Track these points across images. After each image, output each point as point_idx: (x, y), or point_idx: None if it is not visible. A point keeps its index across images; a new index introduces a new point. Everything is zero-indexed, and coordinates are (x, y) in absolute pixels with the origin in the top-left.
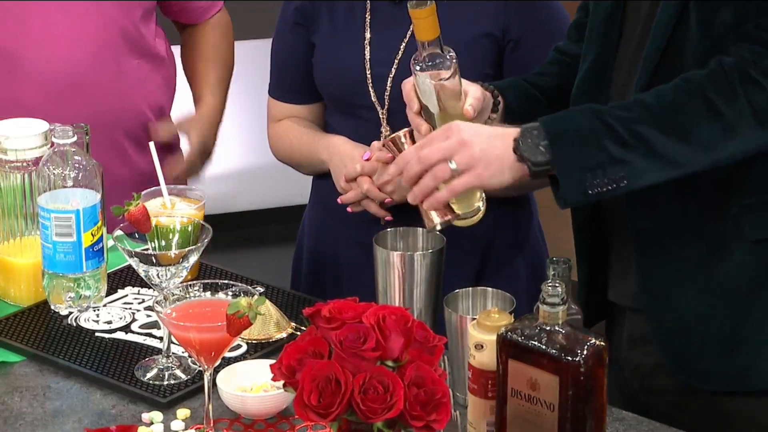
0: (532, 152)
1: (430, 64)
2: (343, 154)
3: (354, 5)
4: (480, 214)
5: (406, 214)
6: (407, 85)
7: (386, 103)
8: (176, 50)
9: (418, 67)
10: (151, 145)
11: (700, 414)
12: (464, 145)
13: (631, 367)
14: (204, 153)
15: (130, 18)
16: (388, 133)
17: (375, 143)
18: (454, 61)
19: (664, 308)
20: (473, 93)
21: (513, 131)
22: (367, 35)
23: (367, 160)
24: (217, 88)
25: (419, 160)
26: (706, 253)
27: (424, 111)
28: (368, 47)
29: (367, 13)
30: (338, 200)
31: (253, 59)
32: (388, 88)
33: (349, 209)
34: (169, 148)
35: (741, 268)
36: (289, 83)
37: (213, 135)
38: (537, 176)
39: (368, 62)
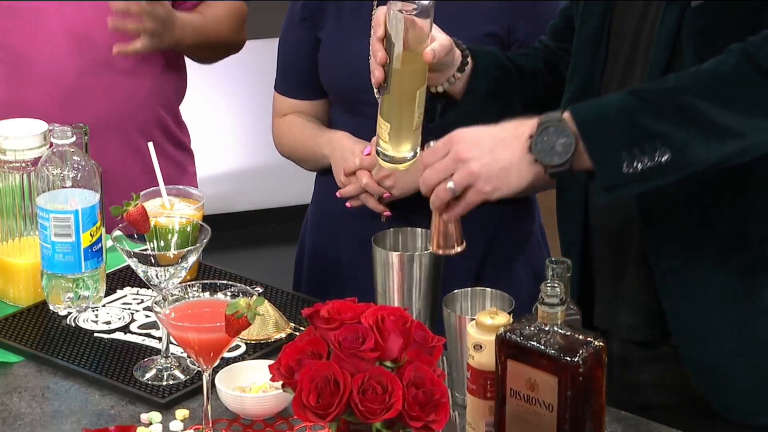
0: (550, 152)
1: None
2: (344, 148)
3: (362, 3)
4: (411, 162)
5: (406, 215)
6: (380, 11)
7: None
8: None
9: None
10: (150, 145)
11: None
12: (461, 162)
13: (620, 385)
14: (167, 27)
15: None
16: None
17: (375, 138)
18: (432, 3)
19: (702, 347)
20: (440, 40)
21: (525, 130)
22: None
23: (368, 154)
24: (195, 14)
25: (423, 182)
26: (736, 286)
27: (387, 41)
28: None
29: (374, 11)
30: (337, 194)
31: (255, 59)
32: None
33: (348, 204)
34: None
35: None
36: (294, 78)
37: (176, 21)
38: (555, 176)
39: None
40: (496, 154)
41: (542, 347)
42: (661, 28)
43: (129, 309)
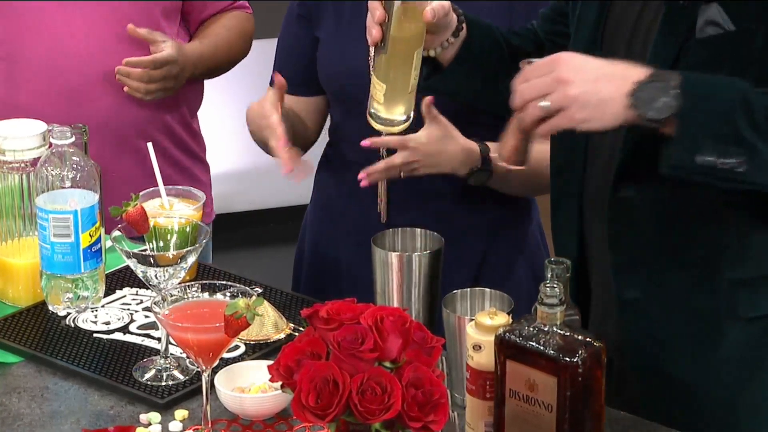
0: (648, 105)
1: None
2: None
3: (361, 2)
4: (403, 126)
5: (406, 215)
6: None
7: None
8: None
9: None
10: (149, 145)
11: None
12: (561, 83)
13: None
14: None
15: (147, 17)
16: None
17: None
18: None
19: (656, 375)
20: (440, 1)
21: (633, 74)
22: None
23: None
24: (207, 40)
25: (519, 95)
26: (699, 331)
27: None
28: None
29: None
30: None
31: (255, 59)
32: None
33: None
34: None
35: (737, 346)
36: (290, 75)
37: (188, 66)
38: (645, 127)
39: (372, 59)
40: (597, 85)
41: (541, 347)
42: (655, 54)
43: (128, 309)
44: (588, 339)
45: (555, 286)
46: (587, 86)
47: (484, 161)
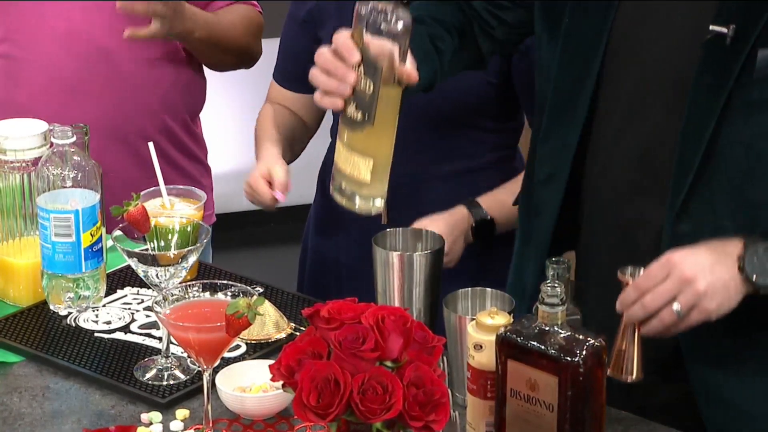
0: (763, 272)
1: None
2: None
3: None
4: (379, 208)
5: (406, 215)
6: (343, 34)
7: None
8: None
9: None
10: (150, 145)
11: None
12: (687, 283)
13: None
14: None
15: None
16: None
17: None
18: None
19: (716, 378)
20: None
21: (733, 249)
22: None
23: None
24: (212, 15)
25: (643, 307)
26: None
27: (364, 63)
28: None
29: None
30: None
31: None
32: None
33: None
34: None
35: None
36: (291, 71)
37: (187, 12)
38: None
39: None
40: (716, 272)
41: (542, 347)
42: (697, 99)
43: (129, 309)
44: (589, 338)
45: (556, 285)
46: (709, 276)
47: (477, 214)
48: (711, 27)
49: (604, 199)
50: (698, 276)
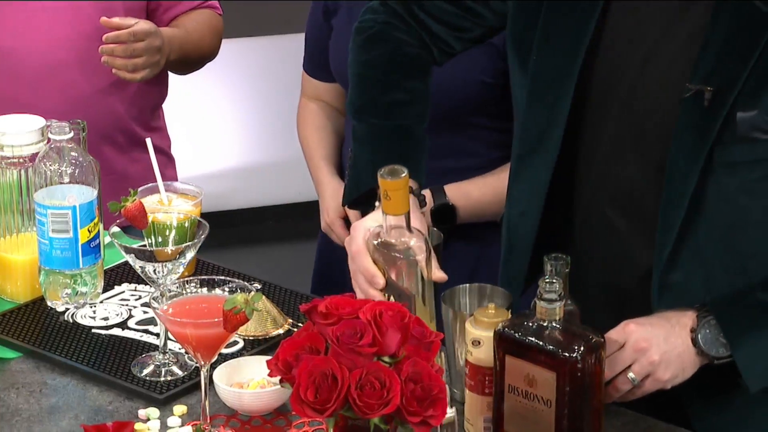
0: (713, 346)
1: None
2: (326, 209)
3: None
4: None
5: None
6: (362, 256)
7: None
8: None
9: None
10: (148, 141)
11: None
12: (642, 352)
13: None
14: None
15: (109, 16)
16: None
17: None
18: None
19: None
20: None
21: (686, 321)
22: None
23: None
24: (177, 28)
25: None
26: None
27: (391, 286)
28: None
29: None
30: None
31: (252, 57)
32: None
33: None
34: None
35: None
36: (316, 60)
37: (166, 44)
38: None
39: None
40: (670, 342)
41: (540, 343)
42: (678, 156)
43: (127, 305)
44: (587, 334)
45: (554, 281)
46: (663, 346)
47: (438, 199)
48: (688, 85)
49: (592, 234)
50: (651, 347)
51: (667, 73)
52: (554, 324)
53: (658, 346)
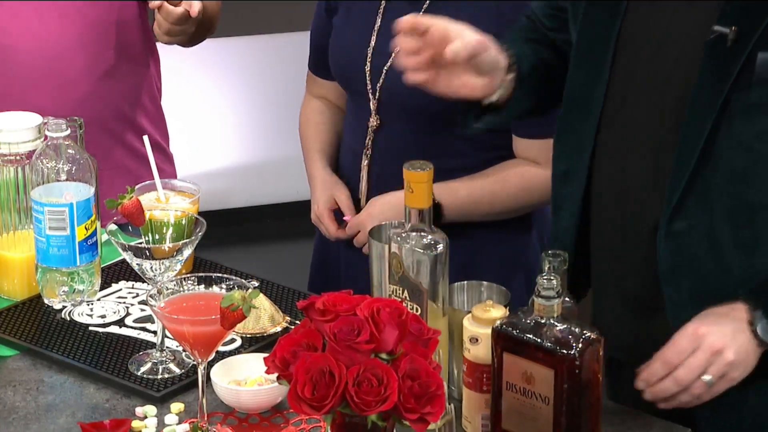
0: None
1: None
2: (315, 191)
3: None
4: None
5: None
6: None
7: (378, 94)
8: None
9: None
10: (145, 138)
11: None
12: (716, 354)
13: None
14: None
15: (106, 15)
16: (376, 124)
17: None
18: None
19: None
20: (465, 39)
21: (742, 315)
22: (378, 22)
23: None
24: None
25: (676, 382)
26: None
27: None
28: (374, 36)
29: (383, 1)
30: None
31: (251, 56)
32: (381, 80)
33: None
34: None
35: None
36: (319, 58)
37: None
38: None
39: (371, 50)
40: (737, 339)
41: (538, 340)
42: (698, 98)
43: (124, 303)
44: (585, 332)
45: (552, 278)
46: (734, 345)
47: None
48: (714, 27)
49: (612, 193)
50: (726, 346)
51: (694, 20)
52: (552, 321)
53: (732, 346)
